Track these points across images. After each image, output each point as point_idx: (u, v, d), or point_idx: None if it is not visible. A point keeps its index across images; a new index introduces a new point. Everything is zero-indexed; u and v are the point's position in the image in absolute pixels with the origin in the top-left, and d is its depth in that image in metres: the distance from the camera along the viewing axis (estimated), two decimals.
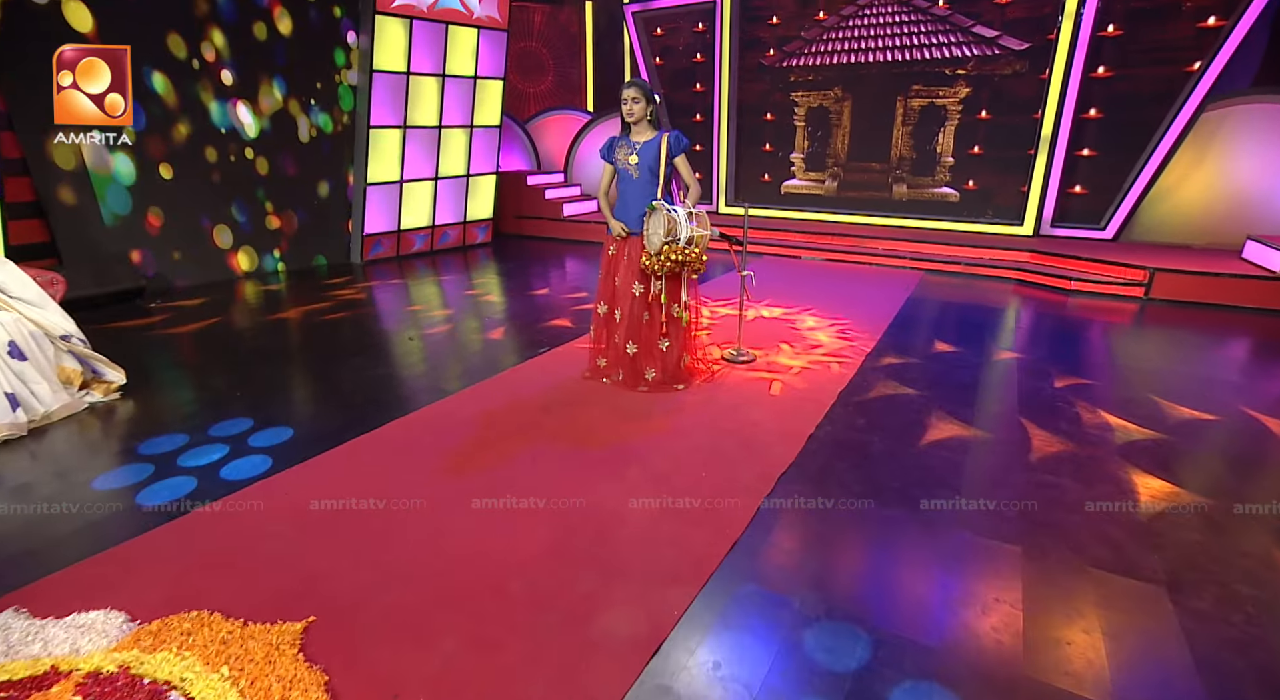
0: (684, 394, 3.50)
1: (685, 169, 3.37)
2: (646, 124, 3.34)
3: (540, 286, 6.17)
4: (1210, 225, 6.19)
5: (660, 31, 8.58)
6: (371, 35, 6.33)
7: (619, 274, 3.48)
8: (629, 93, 3.26)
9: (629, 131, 3.40)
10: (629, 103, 3.27)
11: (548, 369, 3.88)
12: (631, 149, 3.36)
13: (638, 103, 3.27)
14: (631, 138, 3.38)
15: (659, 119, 3.37)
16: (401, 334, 4.64)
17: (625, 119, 3.33)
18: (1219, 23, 5.88)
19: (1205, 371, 4.06)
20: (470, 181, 7.71)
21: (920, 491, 2.57)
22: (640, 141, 3.35)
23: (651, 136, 3.34)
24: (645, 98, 3.27)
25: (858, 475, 2.71)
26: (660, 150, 3.30)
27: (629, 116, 3.30)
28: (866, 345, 4.28)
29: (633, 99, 3.26)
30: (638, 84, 3.27)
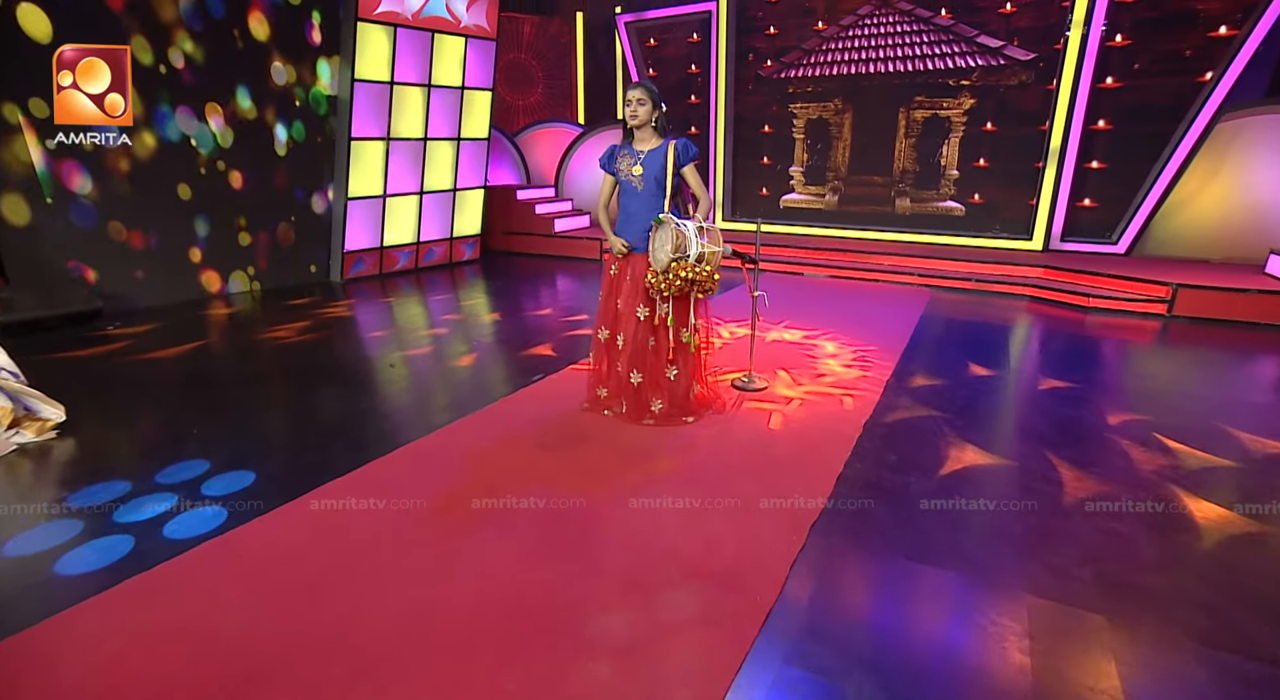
0: (694, 427, 3.18)
1: (695, 179, 3.08)
2: (651, 130, 3.06)
3: (532, 306, 5.85)
4: (1228, 239, 6.02)
5: (654, 42, 8.39)
6: (353, 43, 6.04)
7: (621, 295, 3.17)
8: (634, 94, 2.98)
9: (632, 139, 3.11)
10: (633, 104, 2.99)
11: (543, 399, 3.55)
12: (635, 158, 3.07)
13: (643, 105, 2.99)
14: (635, 146, 3.09)
15: (665, 126, 3.09)
16: (383, 360, 4.29)
17: (629, 123, 3.05)
18: (1231, 32, 5.76)
19: (1263, 397, 3.81)
20: (457, 196, 7.41)
21: (973, 544, 2.26)
22: (645, 150, 3.06)
23: (657, 144, 3.06)
24: (651, 100, 2.99)
25: (898, 523, 2.39)
26: (667, 159, 3.01)
27: (632, 119, 3.02)
28: (885, 369, 4.00)
29: (638, 101, 2.98)
30: (644, 85, 2.99)
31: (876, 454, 2.94)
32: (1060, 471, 2.77)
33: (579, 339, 4.65)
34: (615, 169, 3.13)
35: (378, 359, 4.33)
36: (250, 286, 6.12)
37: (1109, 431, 3.18)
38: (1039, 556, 2.19)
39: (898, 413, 3.38)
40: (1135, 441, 3.06)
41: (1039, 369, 4.09)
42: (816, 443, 3.04)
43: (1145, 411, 3.43)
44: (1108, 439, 3.10)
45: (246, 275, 6.08)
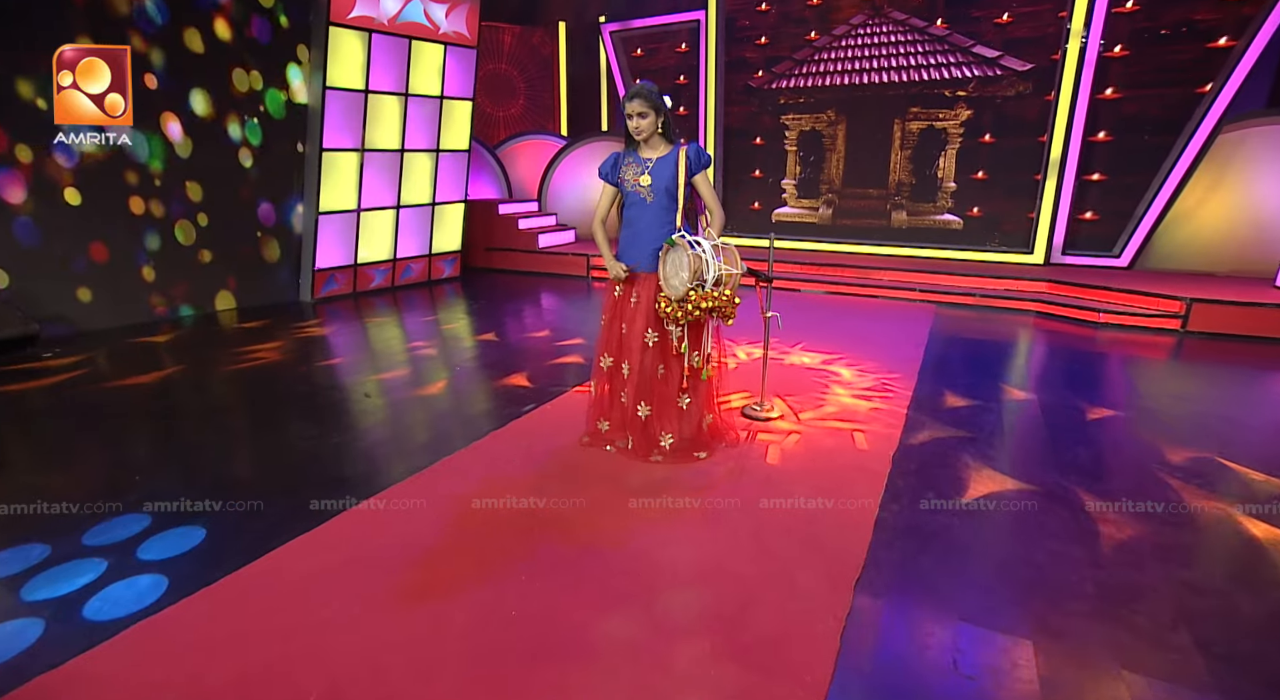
0: (708, 464, 2.88)
1: (707, 190, 2.80)
2: (659, 138, 2.78)
3: (517, 328, 5.52)
4: (1233, 251, 5.93)
5: (640, 52, 8.20)
6: (324, 48, 5.72)
7: (626, 318, 2.87)
8: (633, 106, 2.69)
9: (637, 146, 2.83)
10: (634, 118, 2.71)
11: (535, 433, 3.21)
12: (642, 167, 2.79)
13: (644, 117, 2.70)
14: (641, 154, 2.81)
15: (674, 130, 2.81)
16: (357, 389, 3.92)
17: (633, 136, 2.77)
18: (1230, 43, 5.71)
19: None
20: (436, 210, 7.07)
21: (1041, 601, 1.98)
22: (653, 158, 2.78)
23: (667, 151, 2.78)
24: (653, 108, 2.71)
25: (951, 575, 2.11)
26: (679, 167, 2.73)
27: (637, 134, 2.74)
28: (904, 394, 3.74)
29: (639, 114, 2.70)
30: (642, 94, 2.69)
31: (912, 492, 2.66)
32: (1122, 512, 2.51)
33: (570, 364, 4.33)
34: (620, 179, 2.84)
35: (351, 388, 3.96)
36: (209, 308, 5.69)
37: (1168, 465, 2.93)
38: (1121, 618, 1.91)
39: (926, 444, 3.11)
40: (1201, 476, 2.82)
41: (1069, 392, 3.86)
42: (844, 480, 2.75)
43: (1201, 440, 3.20)
44: (1168, 473, 2.85)
45: (205, 295, 5.66)
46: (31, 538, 2.27)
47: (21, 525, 2.37)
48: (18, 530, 2.33)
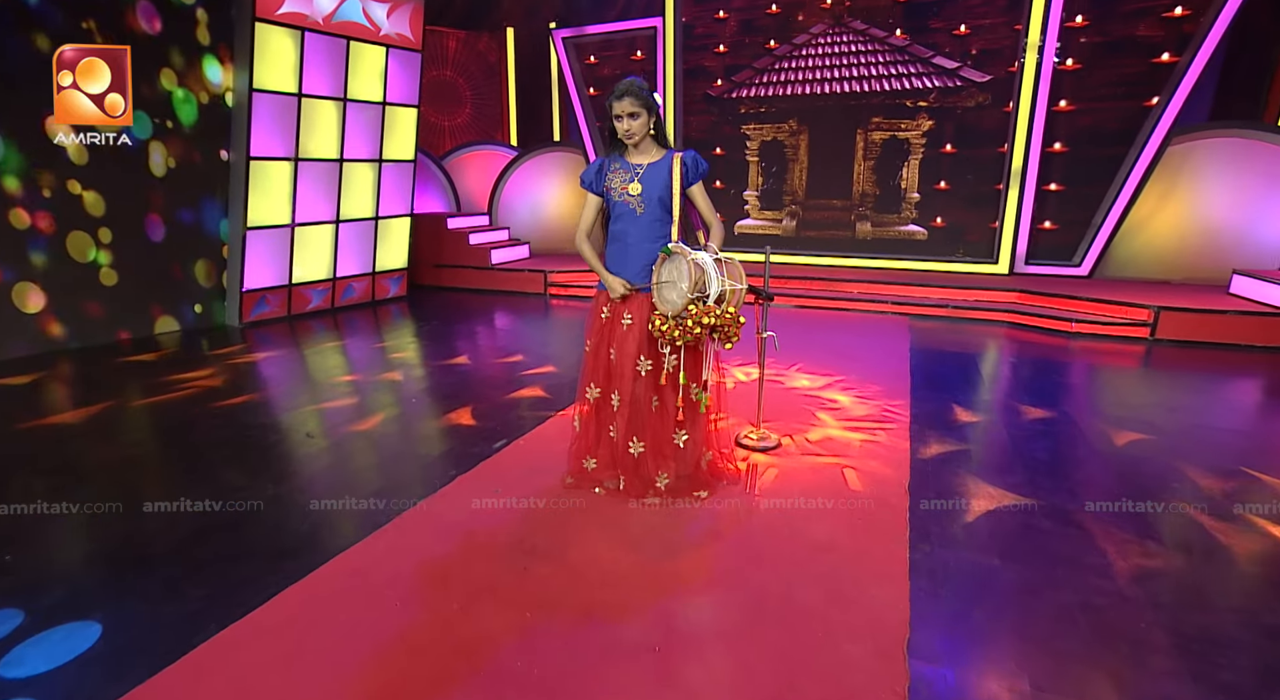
0: (711, 505, 2.58)
1: (704, 201, 2.54)
2: (650, 141, 2.50)
3: (475, 351, 5.11)
4: (1186, 260, 6.11)
5: (594, 59, 7.96)
6: (249, 47, 5.21)
7: (616, 343, 2.56)
8: (623, 106, 2.39)
9: (624, 150, 2.54)
10: (624, 120, 2.41)
11: (511, 476, 2.84)
12: (632, 174, 2.49)
13: (635, 118, 2.41)
14: (630, 159, 2.52)
15: (665, 134, 2.54)
16: (295, 429, 3.45)
17: (622, 139, 2.48)
18: (1173, 58, 5.92)
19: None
20: (380, 225, 6.58)
21: (1117, 659, 1.76)
22: (643, 164, 2.49)
23: (659, 157, 2.50)
24: (645, 108, 2.42)
25: (1007, 632, 1.87)
26: (673, 175, 2.46)
27: (627, 137, 2.44)
28: (903, 414, 3.55)
29: (629, 114, 2.40)
30: (633, 92, 2.39)
31: (940, 527, 2.44)
32: (1177, 547, 2.35)
33: (537, 392, 3.97)
34: (606, 188, 2.54)
35: (288, 427, 3.48)
36: (115, 335, 5.04)
37: (1200, 488, 2.82)
38: (1210, 677, 1.71)
39: (939, 470, 2.91)
40: (1241, 500, 2.71)
41: (1074, 409, 3.76)
42: (862, 518, 2.51)
43: (1233, 461, 3.13)
44: (1206, 496, 2.73)
45: (109, 322, 5.01)
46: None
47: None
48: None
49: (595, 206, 2.59)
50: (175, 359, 4.65)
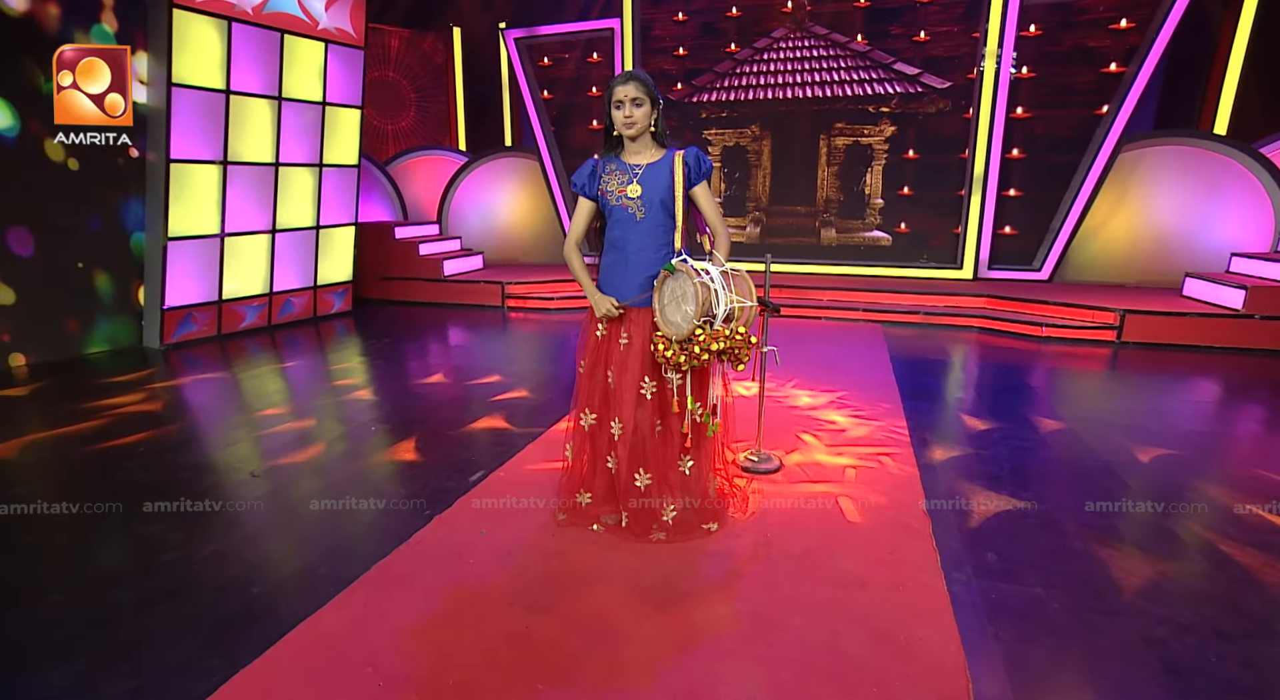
0: (722, 539, 2.36)
1: (710, 204, 2.32)
2: (649, 138, 2.28)
3: (430, 371, 4.75)
4: (1139, 263, 6.33)
5: (548, 62, 7.71)
6: (166, 36, 4.71)
7: (614, 365, 2.31)
8: (627, 89, 2.16)
9: (619, 149, 2.31)
10: (626, 105, 2.18)
11: (495, 514, 2.54)
12: (629, 175, 2.26)
13: (639, 106, 2.18)
14: (627, 159, 2.28)
15: (665, 131, 2.32)
16: (234, 468, 3.03)
17: (620, 131, 2.24)
18: (1119, 69, 6.15)
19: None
20: (322, 234, 6.11)
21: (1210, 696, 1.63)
22: (642, 164, 2.26)
23: (659, 156, 2.27)
24: (650, 98, 2.20)
25: (1071, 669, 1.72)
26: (675, 175, 2.24)
27: (627, 127, 2.20)
28: (898, 428, 3.43)
29: (632, 100, 2.17)
30: (638, 77, 2.18)
31: (969, 552, 2.29)
32: (1220, 563, 2.27)
33: (508, 416, 3.67)
34: (601, 191, 2.29)
35: (223, 467, 3.06)
36: (9, 362, 4.44)
37: (1236, 504, 2.78)
38: None
39: (954, 489, 2.78)
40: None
41: (1073, 416, 3.73)
42: (886, 545, 2.34)
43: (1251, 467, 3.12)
44: (1244, 513, 2.68)
45: (2, 345, 4.41)
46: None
47: None
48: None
49: (587, 212, 2.35)
50: (84, 387, 4.10)
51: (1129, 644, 1.84)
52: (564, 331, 5.90)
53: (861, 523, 2.49)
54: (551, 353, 5.36)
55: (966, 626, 1.91)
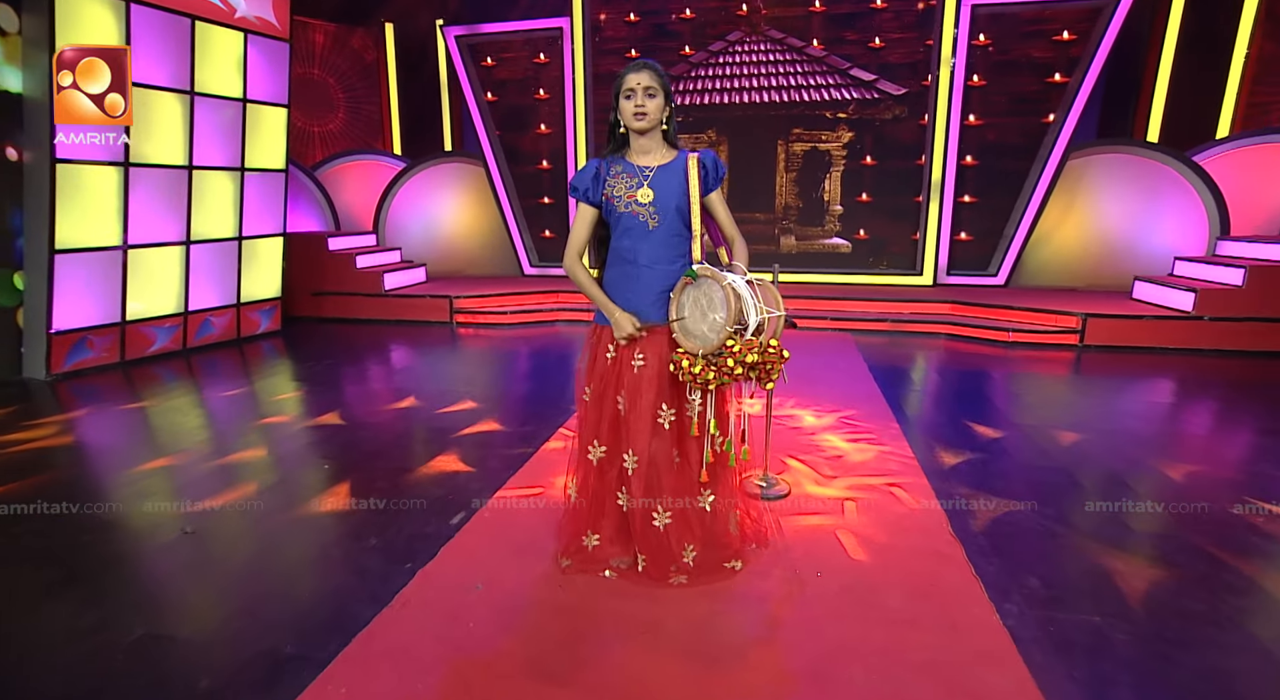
0: (750, 579, 2.14)
1: (724, 211, 2.12)
2: (659, 137, 2.05)
3: (379, 396, 4.33)
4: (1089, 267, 6.59)
5: (491, 62, 7.39)
6: (49, 16, 4.13)
7: (627, 390, 2.05)
8: (641, 78, 1.92)
9: (624, 149, 2.07)
10: (638, 95, 1.93)
11: (487, 562, 2.22)
12: (639, 178, 2.02)
13: (652, 97, 1.95)
14: (635, 160, 2.04)
15: (676, 131, 2.10)
16: (153, 528, 2.57)
17: (629, 124, 1.99)
18: (1064, 79, 6.42)
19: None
20: (245, 246, 5.55)
21: None
22: (652, 166, 2.03)
23: (670, 158, 2.04)
24: (663, 90, 1.97)
25: None
26: (689, 179, 2.02)
27: (638, 119, 1.96)
28: (898, 444, 3.30)
29: (645, 89, 1.93)
30: (652, 67, 1.95)
31: (1014, 580, 2.14)
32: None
33: (481, 442, 3.33)
34: (606, 196, 2.05)
35: (139, 526, 2.59)
36: None
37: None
38: None
39: (972, 507, 2.65)
40: None
41: (1094, 427, 3.69)
42: (924, 575, 2.17)
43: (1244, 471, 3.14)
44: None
45: None
46: None
47: None
48: None
49: (590, 220, 2.09)
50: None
51: (1214, 677, 1.72)
52: (520, 348, 5.57)
53: (889, 551, 2.32)
54: (513, 372, 5.03)
55: (1037, 666, 1.75)
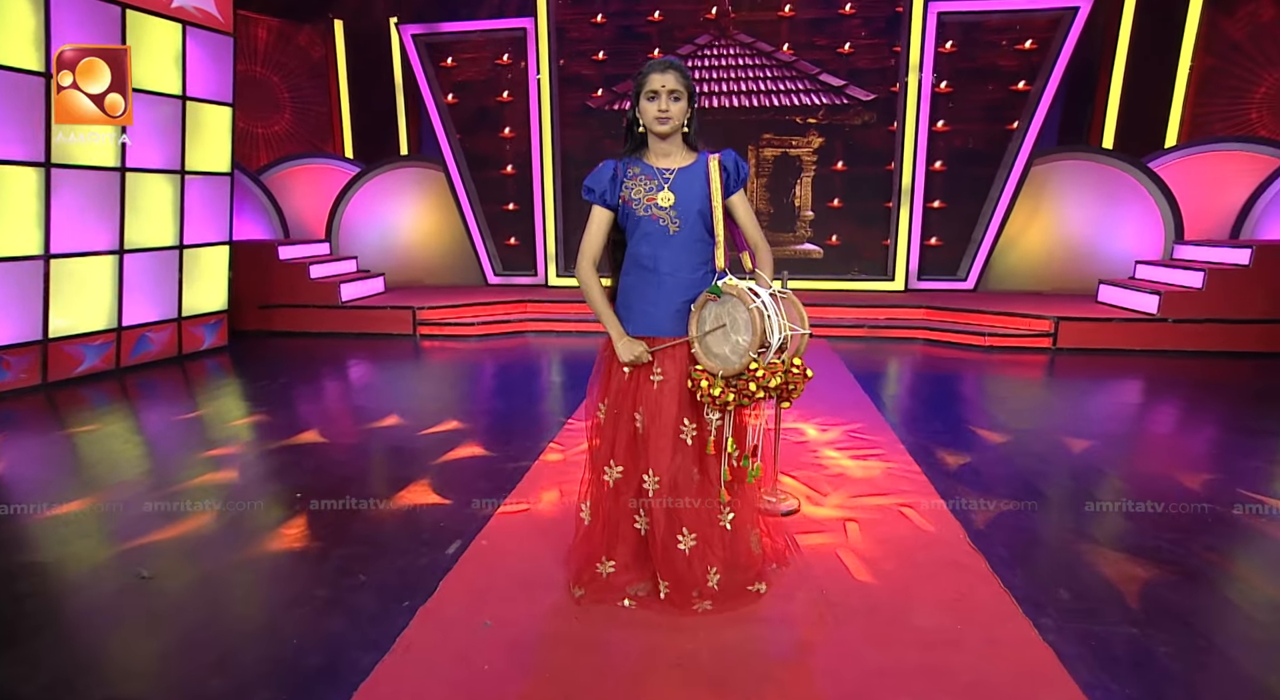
0: (775, 601, 2.03)
1: (748, 215, 2.00)
2: (680, 139, 1.93)
3: (342, 415, 4.06)
4: (1054, 271, 6.78)
5: (452, 62, 7.17)
6: None
7: (646, 406, 1.91)
8: (665, 79, 1.80)
9: (641, 151, 1.94)
10: (663, 98, 1.81)
11: (492, 595, 2.02)
12: (659, 180, 1.90)
13: (677, 100, 1.83)
14: (654, 161, 1.92)
15: (696, 133, 1.98)
16: (97, 577, 2.27)
17: (651, 128, 1.86)
18: (1027, 87, 6.62)
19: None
20: (187, 256, 5.17)
21: None
22: (672, 168, 1.91)
23: (691, 160, 1.93)
24: (688, 92, 1.86)
25: None
26: (710, 183, 1.91)
27: (661, 122, 1.83)
28: (898, 452, 3.25)
29: (670, 92, 1.81)
30: (678, 67, 1.84)
31: (1042, 591, 2.08)
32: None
33: (464, 463, 3.13)
34: (623, 199, 1.92)
35: (77, 577, 2.29)
36: None
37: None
38: None
39: (984, 517, 2.59)
40: None
41: (1100, 433, 3.65)
42: (951, 590, 2.10)
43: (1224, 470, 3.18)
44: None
45: None
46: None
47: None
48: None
49: (605, 224, 1.96)
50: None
51: (1264, 691, 1.69)
52: (491, 361, 5.35)
53: (908, 566, 2.25)
54: (487, 387, 4.81)
55: (1089, 684, 1.68)
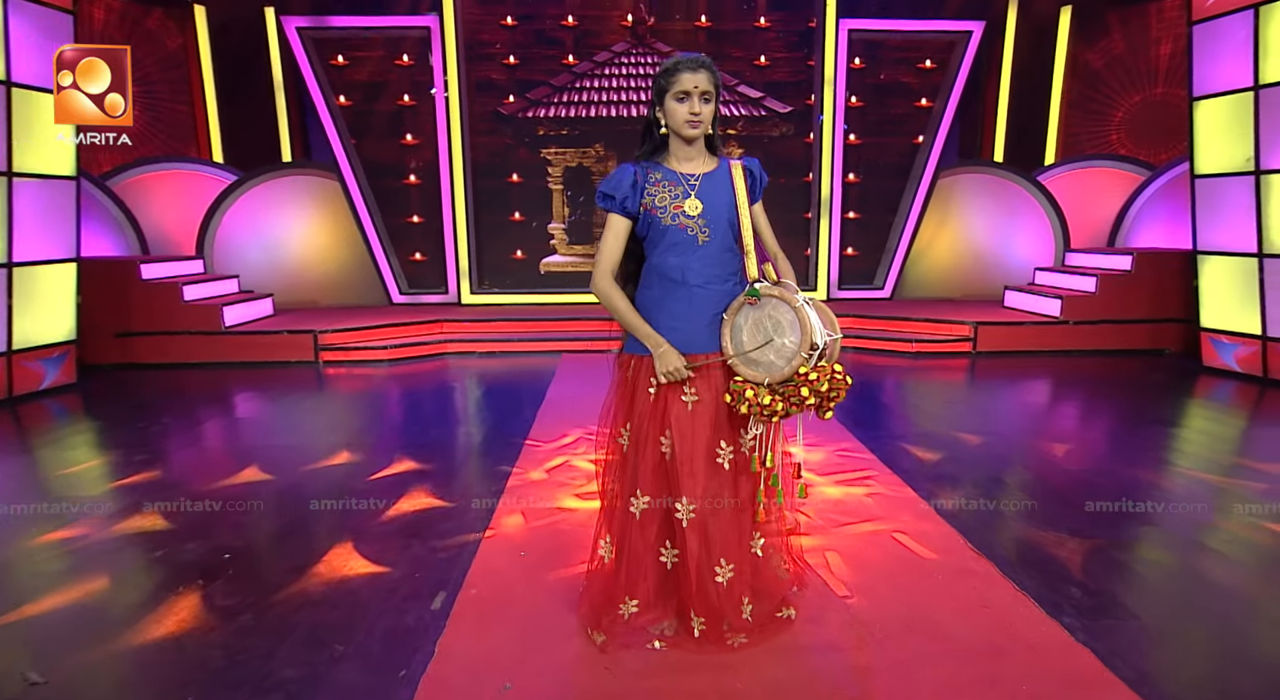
0: (804, 624, 1.97)
1: (766, 225, 1.92)
2: (703, 143, 1.80)
3: (246, 458, 3.51)
4: (961, 279, 7.26)
5: (342, 60, 6.64)
6: None
7: (676, 429, 1.73)
8: (698, 80, 1.66)
9: (661, 155, 1.79)
10: (694, 99, 1.67)
11: (499, 654, 1.75)
12: (685, 187, 1.75)
13: (708, 102, 1.70)
14: (677, 166, 1.78)
15: (719, 136, 1.85)
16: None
17: (680, 131, 1.72)
18: (929, 103, 7.10)
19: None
20: (18, 275, 4.34)
21: None
22: (697, 174, 1.77)
23: (714, 165, 1.81)
24: (717, 94, 1.73)
25: None
26: (735, 190, 1.79)
27: (692, 126, 1.70)
28: (870, 460, 3.27)
29: (702, 94, 1.68)
30: (709, 66, 1.70)
31: (1054, 591, 2.13)
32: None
33: (416, 503, 2.76)
34: (646, 207, 1.75)
35: None
36: None
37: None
38: None
39: (975, 519, 2.60)
40: None
41: (1074, 434, 3.82)
42: (973, 598, 2.11)
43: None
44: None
45: None
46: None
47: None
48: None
49: (624, 234, 1.79)
50: None
51: None
52: (410, 388, 4.91)
53: (922, 576, 2.25)
54: (417, 415, 4.40)
55: (1135, 680, 1.71)
